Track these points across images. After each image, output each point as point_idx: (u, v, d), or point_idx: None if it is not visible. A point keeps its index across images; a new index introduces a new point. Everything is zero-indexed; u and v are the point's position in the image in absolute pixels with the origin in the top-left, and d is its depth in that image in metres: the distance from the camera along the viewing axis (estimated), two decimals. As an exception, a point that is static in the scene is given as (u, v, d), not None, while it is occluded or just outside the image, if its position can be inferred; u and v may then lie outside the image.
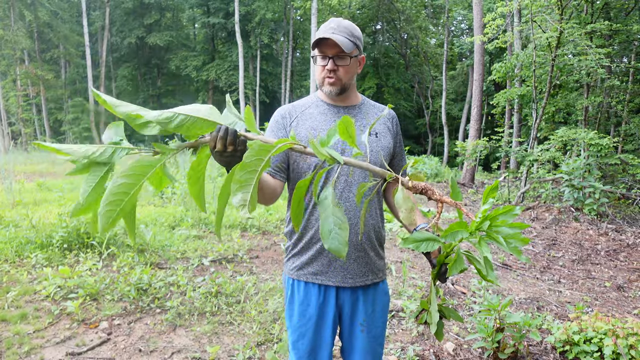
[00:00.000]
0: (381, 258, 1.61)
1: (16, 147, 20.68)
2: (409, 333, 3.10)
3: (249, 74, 30.96)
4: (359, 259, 1.51)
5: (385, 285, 1.63)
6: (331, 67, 1.46)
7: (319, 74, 1.51)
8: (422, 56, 32.36)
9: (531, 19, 10.45)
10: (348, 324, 1.57)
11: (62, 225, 4.47)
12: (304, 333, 1.53)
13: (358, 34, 1.49)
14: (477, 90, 13.45)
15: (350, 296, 1.54)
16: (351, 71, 1.50)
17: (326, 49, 1.45)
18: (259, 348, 2.81)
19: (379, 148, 1.52)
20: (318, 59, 1.49)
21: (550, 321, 3.20)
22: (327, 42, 1.44)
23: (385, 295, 1.63)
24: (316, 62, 1.50)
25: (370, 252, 1.54)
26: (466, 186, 13.09)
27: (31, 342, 2.76)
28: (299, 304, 1.54)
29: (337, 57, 1.45)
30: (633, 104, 13.83)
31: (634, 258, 5.43)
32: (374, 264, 1.55)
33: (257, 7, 28.76)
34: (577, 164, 7.53)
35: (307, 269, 1.53)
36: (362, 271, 1.53)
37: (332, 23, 1.47)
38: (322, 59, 1.48)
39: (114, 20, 33.55)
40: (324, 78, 1.50)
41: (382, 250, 1.61)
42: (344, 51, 1.44)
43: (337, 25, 1.45)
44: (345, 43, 1.42)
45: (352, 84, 1.55)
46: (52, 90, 31.81)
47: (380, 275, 1.60)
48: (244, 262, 4.58)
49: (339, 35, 1.43)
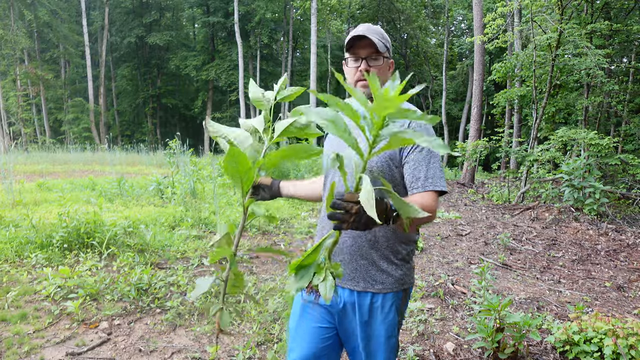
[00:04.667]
0: (384, 272, 1.47)
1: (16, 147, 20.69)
2: (409, 333, 3.10)
3: (249, 74, 30.95)
4: (345, 263, 1.48)
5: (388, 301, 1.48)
6: (364, 67, 1.44)
7: (351, 76, 1.48)
8: (422, 56, 32.38)
9: (531, 19, 10.45)
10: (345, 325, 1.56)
11: (62, 225, 4.46)
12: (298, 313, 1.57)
13: (387, 37, 1.49)
14: (477, 90, 13.46)
15: (348, 298, 1.51)
16: (384, 72, 1.48)
17: (359, 50, 1.44)
18: (259, 348, 2.81)
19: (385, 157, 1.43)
20: (350, 61, 1.47)
21: (550, 321, 3.20)
22: (360, 43, 1.43)
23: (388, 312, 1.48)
24: (348, 64, 1.48)
25: (360, 260, 1.46)
26: (466, 186, 13.10)
27: (31, 342, 2.76)
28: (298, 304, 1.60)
29: (370, 57, 1.44)
30: (633, 104, 13.84)
31: (634, 258, 5.43)
32: (367, 273, 1.46)
33: (256, 6, 28.77)
34: (577, 164, 7.53)
35: None
36: (350, 275, 1.48)
37: (362, 27, 1.46)
38: (355, 60, 1.46)
39: (114, 20, 33.55)
40: (356, 81, 1.46)
41: (388, 264, 1.47)
42: (378, 50, 1.42)
43: (368, 29, 1.45)
44: (378, 43, 1.41)
45: None
46: (52, 90, 31.83)
47: (379, 287, 1.47)
48: (244, 262, 4.58)
49: (372, 35, 1.42)
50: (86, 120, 30.83)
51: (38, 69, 29.00)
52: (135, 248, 4.56)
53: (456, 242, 6.03)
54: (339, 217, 0.96)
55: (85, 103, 30.99)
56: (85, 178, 10.16)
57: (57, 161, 16.82)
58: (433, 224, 7.07)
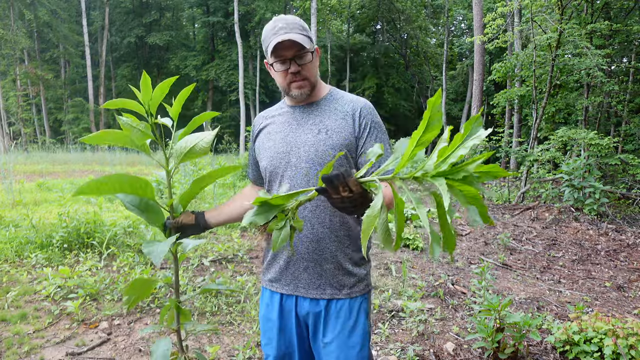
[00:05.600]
0: (351, 274, 1.41)
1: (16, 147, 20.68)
2: (409, 333, 3.10)
3: (249, 74, 30.97)
4: (309, 269, 1.39)
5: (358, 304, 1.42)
6: (295, 69, 1.34)
7: (282, 80, 1.39)
8: (422, 56, 32.37)
9: (531, 19, 10.45)
10: (312, 340, 1.45)
11: (62, 225, 4.46)
12: (270, 338, 1.50)
13: (305, 25, 1.39)
14: (477, 90, 13.46)
15: (312, 308, 1.41)
16: (314, 68, 1.40)
17: (284, 52, 1.33)
18: (259, 348, 2.81)
19: (327, 147, 1.35)
20: (277, 66, 1.36)
21: (550, 321, 3.20)
22: (283, 45, 1.32)
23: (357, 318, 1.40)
24: (275, 69, 1.38)
25: (325, 264, 1.38)
26: (466, 186, 13.08)
27: (31, 342, 2.76)
28: (264, 307, 1.54)
29: (298, 57, 1.34)
30: (633, 104, 13.84)
31: (634, 258, 5.43)
32: (333, 278, 1.39)
33: (256, 6, 28.79)
34: (577, 164, 7.53)
35: (266, 276, 1.52)
36: (316, 283, 1.39)
37: (280, 22, 1.34)
38: (282, 63, 1.35)
39: (114, 20, 33.56)
40: (289, 83, 1.38)
41: (353, 266, 1.41)
42: (305, 47, 1.33)
43: (286, 24, 1.33)
44: (302, 39, 1.31)
45: (317, 78, 1.44)
46: (52, 90, 31.84)
47: (347, 292, 1.40)
48: (244, 262, 4.58)
49: (293, 33, 1.31)
50: (86, 120, 30.84)
51: (38, 69, 29.01)
52: (135, 248, 4.56)
53: (456, 242, 6.02)
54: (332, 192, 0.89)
55: (85, 103, 31.00)
56: (85, 178, 10.16)
57: (57, 161, 16.83)
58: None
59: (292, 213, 0.96)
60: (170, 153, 1.18)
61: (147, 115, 1.13)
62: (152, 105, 1.12)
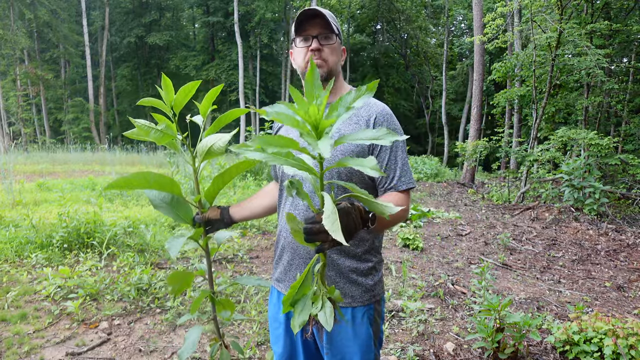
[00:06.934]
0: (355, 283, 1.35)
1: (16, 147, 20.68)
2: (409, 333, 3.10)
3: (249, 74, 30.97)
4: None
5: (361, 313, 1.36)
6: (316, 46, 1.29)
7: (302, 58, 1.33)
8: (422, 56, 32.37)
9: (531, 19, 10.45)
10: (318, 342, 1.42)
11: (62, 225, 4.47)
12: (278, 337, 1.49)
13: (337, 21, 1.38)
14: (477, 90, 13.46)
15: None
16: (336, 53, 1.35)
17: (309, 28, 1.30)
18: (259, 348, 2.81)
19: (337, 152, 1.28)
20: (298, 41, 1.32)
21: (550, 321, 3.20)
22: (310, 22, 1.29)
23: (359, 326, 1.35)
24: (297, 45, 1.33)
25: (328, 271, 1.34)
26: (466, 186, 13.10)
27: (31, 342, 2.76)
28: (272, 306, 1.53)
29: (322, 35, 1.30)
30: (633, 104, 13.84)
31: (634, 258, 5.43)
32: (335, 285, 1.33)
33: (256, 6, 28.78)
34: (577, 164, 7.53)
35: (274, 274, 1.51)
36: None
37: (310, 10, 1.31)
38: (304, 40, 1.31)
39: (114, 20, 33.56)
40: (307, 62, 1.32)
41: (358, 276, 1.35)
42: (330, 26, 1.29)
43: (316, 7, 1.34)
44: (331, 20, 1.29)
45: (339, 71, 1.38)
46: (52, 90, 31.83)
47: (349, 301, 1.34)
48: (244, 262, 4.58)
49: (323, 12, 1.30)
50: (86, 120, 30.84)
51: (38, 69, 29.00)
52: (135, 248, 4.56)
53: (456, 242, 6.02)
54: (316, 240, 0.89)
55: (85, 103, 31.00)
56: (85, 178, 10.16)
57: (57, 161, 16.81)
58: (433, 224, 7.07)
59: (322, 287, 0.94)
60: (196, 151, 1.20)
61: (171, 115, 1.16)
62: (176, 106, 1.16)
